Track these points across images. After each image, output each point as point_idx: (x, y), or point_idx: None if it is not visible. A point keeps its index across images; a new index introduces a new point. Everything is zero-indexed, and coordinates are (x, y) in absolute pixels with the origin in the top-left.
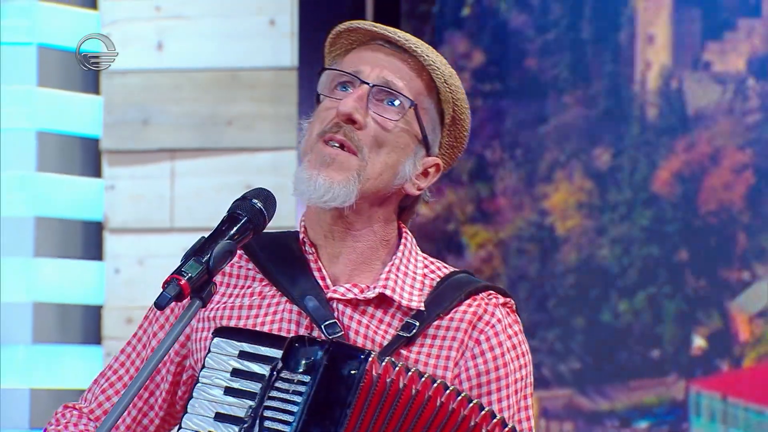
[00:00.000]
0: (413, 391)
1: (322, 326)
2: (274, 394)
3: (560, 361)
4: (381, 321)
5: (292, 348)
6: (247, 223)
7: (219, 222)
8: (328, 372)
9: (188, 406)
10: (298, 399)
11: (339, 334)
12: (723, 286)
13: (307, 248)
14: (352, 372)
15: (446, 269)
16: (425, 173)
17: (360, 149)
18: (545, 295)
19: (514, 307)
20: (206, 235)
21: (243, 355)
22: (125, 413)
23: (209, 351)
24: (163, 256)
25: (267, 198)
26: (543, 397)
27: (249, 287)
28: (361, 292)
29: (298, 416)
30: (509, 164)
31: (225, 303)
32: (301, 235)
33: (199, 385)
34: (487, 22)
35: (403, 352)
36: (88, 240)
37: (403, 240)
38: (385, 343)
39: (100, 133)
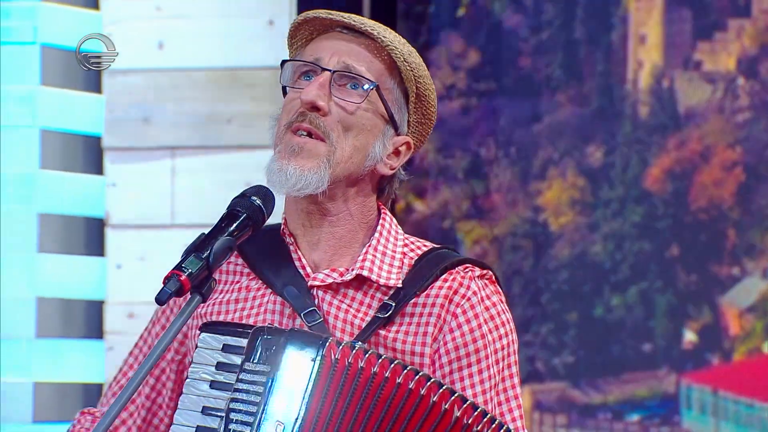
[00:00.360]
0: (372, 372)
1: (302, 315)
2: (239, 386)
3: (554, 355)
4: (361, 303)
5: (255, 339)
6: (246, 220)
7: (219, 219)
8: (288, 360)
9: (179, 402)
10: (260, 389)
11: (318, 322)
12: (713, 281)
13: (287, 239)
14: (311, 358)
15: (426, 247)
16: (396, 152)
17: (327, 135)
18: (539, 290)
19: (493, 278)
20: (206, 231)
21: (226, 348)
22: (136, 414)
23: (196, 347)
24: (163, 252)
25: (266, 195)
26: (536, 390)
27: (237, 282)
28: (341, 275)
29: (261, 406)
30: (504, 162)
31: (215, 299)
32: (282, 227)
33: (188, 380)
34: (482, 22)
35: (382, 332)
36: (91, 236)
37: (381, 221)
38: (364, 325)
39: (102, 131)
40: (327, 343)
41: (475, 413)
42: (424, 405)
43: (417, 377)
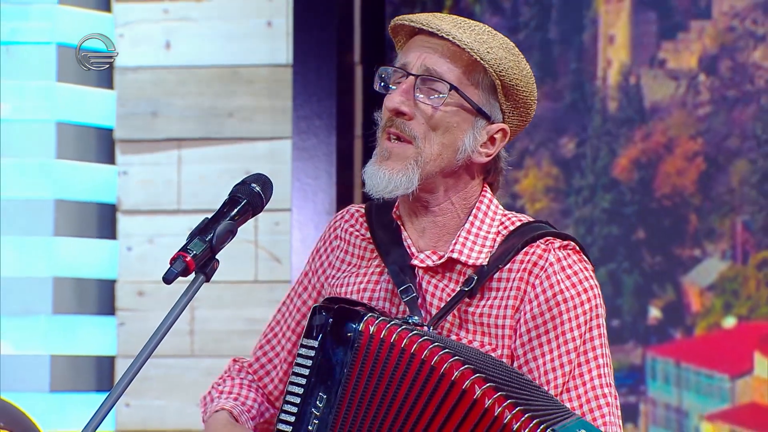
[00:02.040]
0: (402, 347)
1: (399, 291)
2: (298, 360)
3: None
4: (454, 282)
5: (312, 316)
6: (246, 205)
7: (221, 204)
8: (332, 336)
9: (293, 363)
10: (308, 363)
11: (412, 297)
12: (676, 262)
13: (397, 221)
14: (349, 334)
15: (520, 221)
16: (492, 140)
17: (413, 137)
18: None
19: (576, 248)
20: (209, 216)
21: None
22: (279, 368)
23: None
24: (170, 235)
25: (264, 183)
26: None
27: (362, 257)
28: (439, 258)
29: (307, 379)
30: None
31: (343, 274)
32: (395, 209)
33: (299, 348)
34: None
35: (470, 308)
36: (103, 220)
37: (479, 203)
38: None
39: (113, 123)
40: (365, 319)
41: (506, 404)
42: (456, 390)
43: (450, 359)
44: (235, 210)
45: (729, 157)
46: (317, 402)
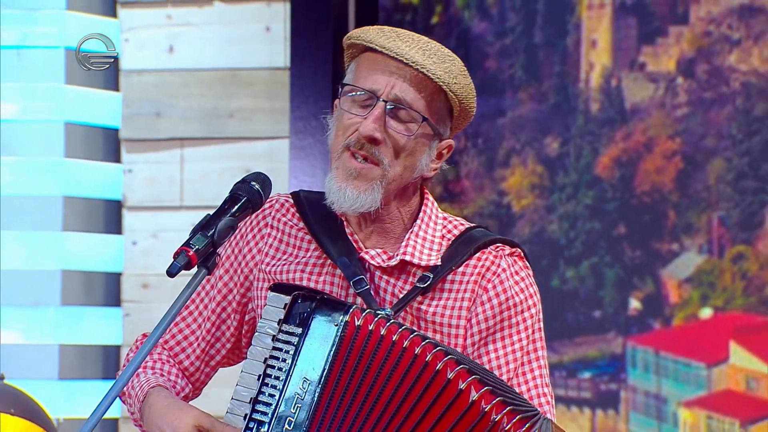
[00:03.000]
0: (392, 340)
1: (351, 282)
2: (276, 344)
3: None
4: (405, 280)
5: (294, 302)
6: (246, 203)
7: (222, 201)
8: (316, 325)
9: (248, 352)
10: (290, 349)
11: (365, 289)
12: (655, 256)
13: (341, 218)
14: (335, 324)
15: (463, 226)
16: (440, 155)
17: (381, 161)
18: None
19: (522, 255)
20: (211, 212)
21: (280, 321)
22: (195, 344)
23: (266, 304)
24: (174, 230)
25: (264, 181)
26: None
27: (301, 245)
28: (389, 259)
29: (290, 365)
30: (472, 151)
31: (280, 260)
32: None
33: (256, 334)
34: (453, 28)
35: (422, 307)
36: (109, 216)
37: (423, 207)
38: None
39: (119, 124)
40: (351, 310)
41: (492, 397)
42: (438, 380)
43: (434, 350)
44: (236, 207)
45: (706, 156)
46: (300, 388)
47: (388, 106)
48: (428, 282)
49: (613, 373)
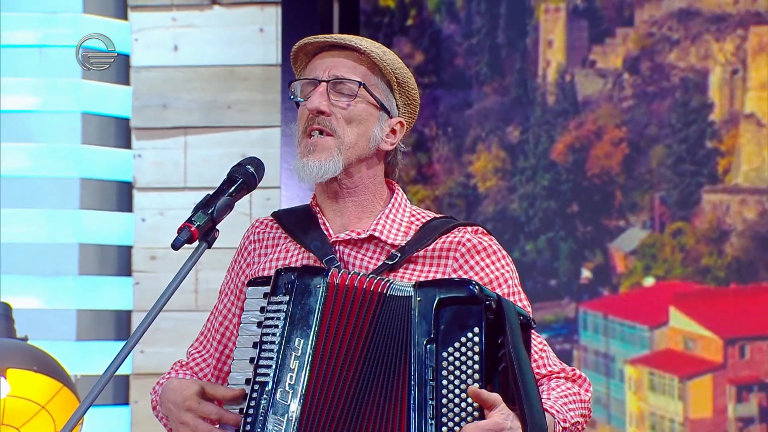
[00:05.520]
0: (363, 288)
1: (323, 261)
2: (267, 316)
3: None
4: (372, 256)
5: (278, 277)
6: (242, 184)
7: (221, 182)
8: (300, 290)
9: (236, 343)
10: (281, 315)
11: (336, 265)
12: (604, 231)
13: (315, 209)
14: (318, 285)
15: (429, 216)
16: (393, 131)
17: (334, 130)
18: None
19: (484, 230)
20: (211, 192)
21: (266, 295)
22: (210, 361)
23: (246, 298)
24: (178, 208)
25: (258, 165)
26: None
27: (279, 246)
28: (358, 234)
29: (282, 329)
30: (442, 139)
31: (262, 262)
32: (312, 202)
33: (241, 325)
34: (426, 30)
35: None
36: (121, 196)
37: (394, 195)
38: (372, 269)
39: (130, 114)
40: (330, 272)
41: None
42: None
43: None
44: (233, 188)
45: (648, 143)
46: (296, 345)
47: (329, 84)
48: (396, 260)
49: (567, 335)
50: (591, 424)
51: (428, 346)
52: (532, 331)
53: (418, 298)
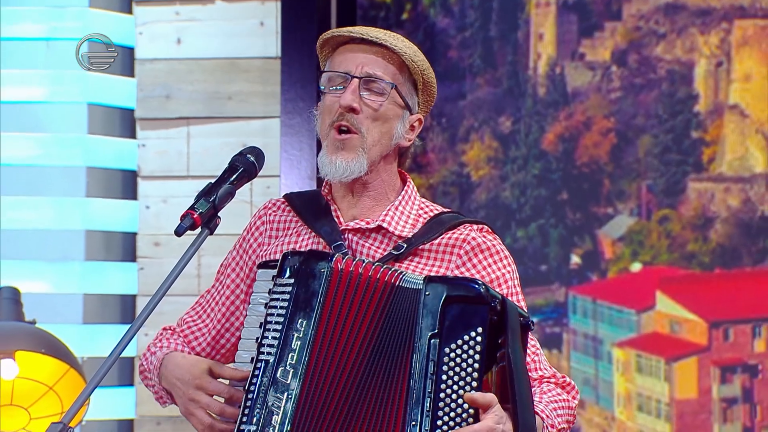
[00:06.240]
0: (368, 275)
1: (332, 246)
2: (273, 297)
3: None
4: (379, 246)
5: (284, 260)
6: (243, 172)
7: (222, 171)
8: (305, 273)
9: (245, 322)
10: (286, 297)
11: (343, 252)
12: (593, 218)
13: (329, 199)
14: (322, 269)
15: (437, 210)
16: (412, 128)
17: (359, 129)
18: None
19: (489, 229)
20: (213, 180)
21: (274, 278)
22: (207, 333)
23: (256, 280)
24: (181, 196)
25: (258, 154)
26: None
27: (289, 229)
28: (367, 224)
29: (286, 310)
30: (437, 129)
31: (273, 245)
32: (325, 191)
33: (250, 306)
34: (420, 23)
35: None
36: (126, 184)
37: (405, 188)
38: (379, 257)
39: (134, 105)
40: (335, 257)
41: None
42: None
43: (402, 276)
44: (234, 176)
45: (636, 133)
46: (298, 326)
47: (361, 81)
48: (402, 251)
49: (557, 318)
50: (580, 404)
51: (432, 340)
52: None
53: (427, 293)
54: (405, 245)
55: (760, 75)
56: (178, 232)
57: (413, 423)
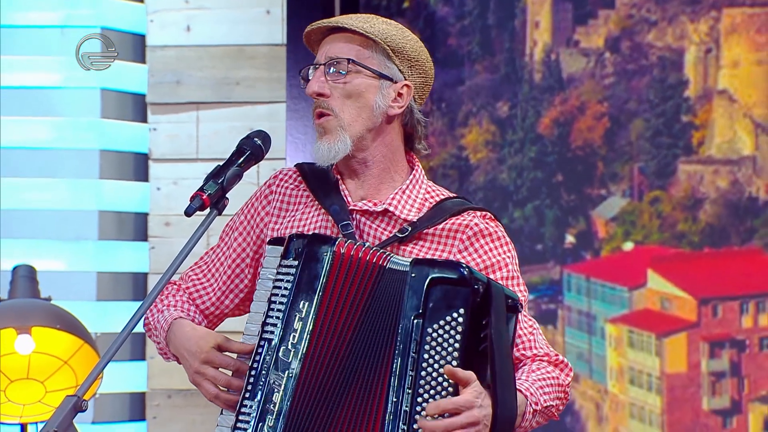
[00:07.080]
0: (367, 260)
1: (339, 225)
2: (278, 277)
3: None
4: (385, 228)
5: (290, 242)
6: (250, 155)
7: (230, 154)
8: (309, 256)
9: (254, 296)
10: (290, 278)
11: (350, 232)
12: (587, 199)
13: (338, 177)
14: (325, 253)
15: (443, 195)
16: (399, 95)
17: (332, 110)
18: None
19: (491, 216)
20: (221, 163)
21: (281, 258)
22: (212, 292)
23: (266, 255)
24: (191, 178)
25: (265, 137)
26: None
27: (299, 203)
28: (374, 206)
29: (290, 291)
30: (437, 113)
31: (282, 220)
32: (333, 167)
33: (259, 280)
34: (421, 12)
35: (399, 253)
36: (138, 166)
37: (413, 172)
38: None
39: (145, 90)
40: (337, 242)
41: None
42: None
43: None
44: (242, 159)
45: (628, 117)
46: (300, 307)
47: (324, 66)
48: (406, 233)
49: (552, 296)
50: (574, 378)
51: (416, 320)
52: (524, 314)
53: (413, 274)
54: (410, 228)
55: (747, 61)
56: (188, 213)
57: (394, 400)
